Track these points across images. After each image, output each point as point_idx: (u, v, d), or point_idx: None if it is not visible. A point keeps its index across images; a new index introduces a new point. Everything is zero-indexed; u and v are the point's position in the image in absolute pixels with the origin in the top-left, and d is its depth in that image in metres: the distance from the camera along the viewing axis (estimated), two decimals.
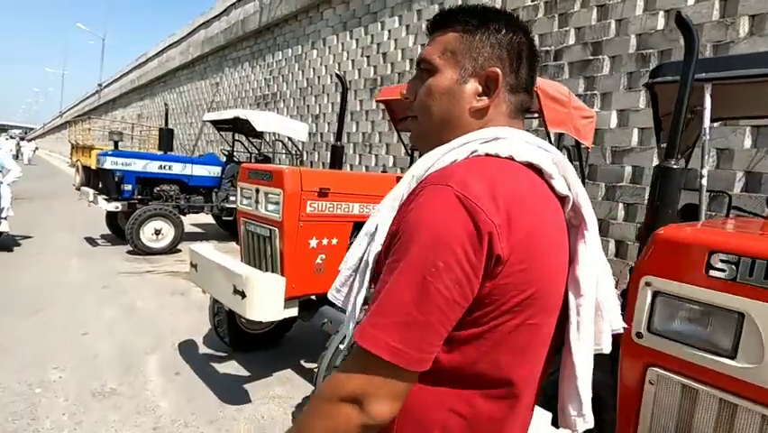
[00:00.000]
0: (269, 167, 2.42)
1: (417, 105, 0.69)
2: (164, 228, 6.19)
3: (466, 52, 0.66)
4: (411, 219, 0.55)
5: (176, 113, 17.41)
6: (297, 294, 2.42)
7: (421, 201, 0.55)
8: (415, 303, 0.52)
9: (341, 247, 2.57)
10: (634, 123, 4.61)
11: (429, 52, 0.69)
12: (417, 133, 0.72)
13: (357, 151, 8.32)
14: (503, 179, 0.57)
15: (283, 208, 2.29)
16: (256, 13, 11.35)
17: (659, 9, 4.50)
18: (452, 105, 0.67)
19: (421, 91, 0.69)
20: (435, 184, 0.56)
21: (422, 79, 0.69)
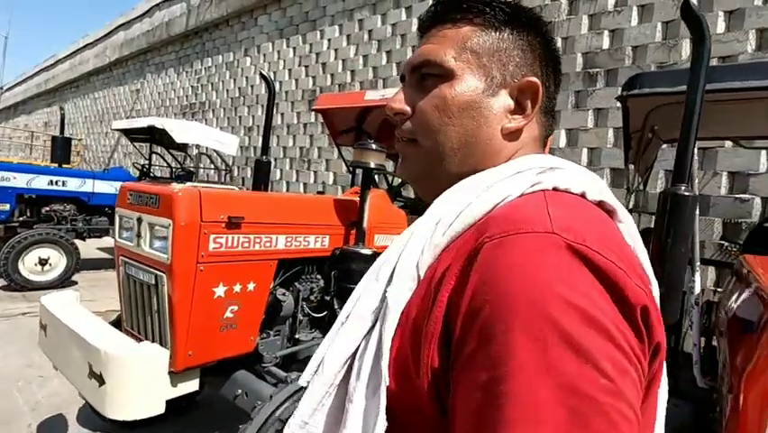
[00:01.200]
0: (156, 188, 1.76)
1: (420, 124, 0.50)
2: (52, 257, 5.08)
3: (493, 54, 0.50)
4: (498, 292, 0.33)
5: (89, 121, 15.58)
6: (195, 363, 1.75)
7: (507, 261, 0.34)
8: None
9: (260, 294, 1.94)
10: (582, 143, 4.47)
11: (436, 52, 0.50)
12: (418, 162, 0.52)
13: (294, 167, 7.66)
14: (603, 224, 0.41)
15: (173, 246, 1.63)
16: (183, 15, 10.39)
17: (604, 28, 4.44)
18: (479, 125, 0.49)
19: (425, 104, 0.50)
20: (519, 232, 0.36)
21: (424, 89, 0.51)
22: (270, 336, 2.11)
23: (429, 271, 0.41)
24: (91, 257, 6.68)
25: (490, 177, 0.45)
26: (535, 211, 0.38)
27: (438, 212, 0.44)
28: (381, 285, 0.43)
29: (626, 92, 2.10)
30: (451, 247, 0.41)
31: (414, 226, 0.46)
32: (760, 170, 3.54)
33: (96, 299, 4.77)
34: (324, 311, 2.36)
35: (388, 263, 0.44)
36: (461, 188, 0.46)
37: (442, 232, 0.42)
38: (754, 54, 3.62)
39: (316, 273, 2.33)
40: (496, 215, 0.40)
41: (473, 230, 0.41)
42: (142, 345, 1.50)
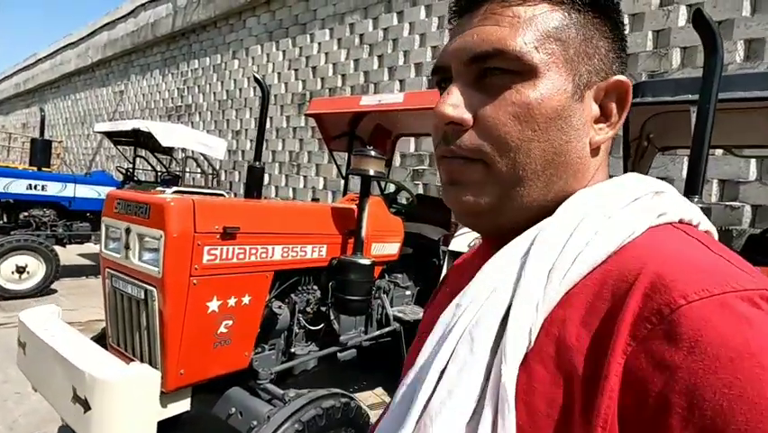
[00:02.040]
0: (147, 197, 1.66)
1: (491, 139, 0.38)
2: (30, 264, 4.86)
3: (580, 44, 0.39)
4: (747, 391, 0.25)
5: (70, 123, 15.19)
6: (187, 382, 1.65)
7: (741, 340, 0.26)
8: None
9: (255, 307, 1.86)
10: None
11: (511, 38, 0.38)
12: (487, 189, 0.39)
13: (283, 171, 7.55)
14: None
15: (165, 259, 1.54)
16: (169, 16, 10.21)
17: None
18: (569, 138, 0.39)
19: (499, 112, 0.38)
20: (726, 291, 0.28)
21: (491, 89, 0.39)
22: (265, 351, 2.03)
23: (547, 335, 0.33)
24: (72, 264, 6.45)
25: (605, 204, 0.36)
26: (708, 256, 0.32)
27: (542, 255, 0.34)
28: (481, 358, 0.33)
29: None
30: (571, 300, 0.33)
31: (501, 272, 0.36)
32: (749, 178, 3.59)
33: (76, 308, 4.59)
34: (321, 323, 2.28)
35: (484, 325, 0.33)
36: (569, 221, 0.36)
37: (558, 282, 0.33)
38: (742, 64, 3.68)
39: (313, 284, 2.25)
40: (653, 258, 0.32)
41: (599, 274, 0.33)
42: (132, 366, 1.40)
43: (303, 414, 1.59)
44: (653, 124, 2.58)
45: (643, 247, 0.33)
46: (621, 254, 0.34)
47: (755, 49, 3.63)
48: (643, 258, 0.32)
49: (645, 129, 2.62)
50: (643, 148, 2.76)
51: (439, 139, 0.41)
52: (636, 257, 0.33)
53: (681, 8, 3.96)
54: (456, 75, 0.40)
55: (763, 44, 3.58)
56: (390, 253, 2.67)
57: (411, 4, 5.99)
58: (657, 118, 2.51)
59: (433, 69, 0.44)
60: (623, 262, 0.33)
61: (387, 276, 2.82)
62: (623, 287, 0.31)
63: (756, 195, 3.55)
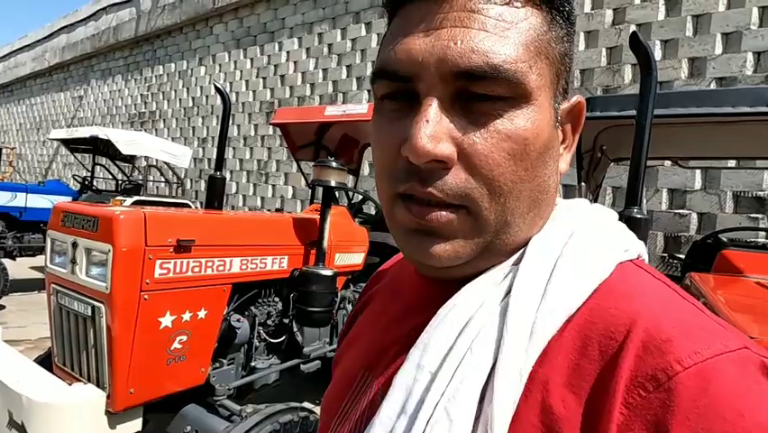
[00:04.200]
0: (95, 209, 1.60)
1: (482, 182, 0.31)
2: None
3: (560, 62, 0.33)
4: None
5: (24, 129, 14.45)
6: (137, 402, 1.59)
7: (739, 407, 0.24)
8: None
9: (212, 321, 1.82)
10: None
11: (506, 53, 0.30)
12: (470, 240, 0.32)
13: (251, 180, 7.43)
14: None
15: (113, 274, 1.48)
16: (132, 20, 9.93)
17: None
18: (551, 172, 0.34)
19: (492, 149, 0.30)
20: (718, 354, 0.26)
21: (477, 117, 0.31)
22: (224, 366, 1.98)
23: (528, 401, 0.29)
24: (22, 277, 6.10)
25: (579, 243, 0.33)
26: (685, 308, 0.30)
27: (523, 311, 0.30)
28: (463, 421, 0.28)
29: None
30: (549, 356, 0.29)
31: (474, 327, 0.31)
32: (695, 188, 3.81)
33: (26, 325, 4.34)
34: (283, 336, 2.25)
35: (462, 400, 0.29)
36: (545, 266, 0.32)
37: (539, 339, 0.29)
38: (687, 81, 3.92)
39: (274, 296, 2.22)
40: (642, 312, 0.29)
41: (575, 327, 0.30)
42: (74, 387, 1.34)
43: (260, 430, 1.56)
44: (606, 137, 2.71)
45: (621, 295, 0.31)
46: (597, 301, 0.31)
47: (698, 66, 3.89)
48: (628, 311, 0.29)
49: (598, 141, 2.74)
50: (596, 159, 2.89)
51: (402, 173, 0.32)
52: (619, 309, 0.30)
53: (632, 27, 4.20)
54: (428, 90, 0.31)
55: (704, 62, 3.84)
56: (355, 263, 2.67)
57: (379, 16, 6.07)
58: (609, 131, 2.64)
59: (377, 74, 0.33)
60: (606, 314, 0.30)
61: (352, 286, 2.81)
62: (612, 345, 0.28)
63: (701, 203, 3.77)
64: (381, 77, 0.33)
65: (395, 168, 0.33)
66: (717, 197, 3.69)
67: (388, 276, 0.50)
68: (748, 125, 1.97)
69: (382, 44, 0.35)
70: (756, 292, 1.49)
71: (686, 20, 3.94)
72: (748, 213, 3.56)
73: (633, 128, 1.97)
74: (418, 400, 0.30)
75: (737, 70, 3.68)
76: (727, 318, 0.97)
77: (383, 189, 0.35)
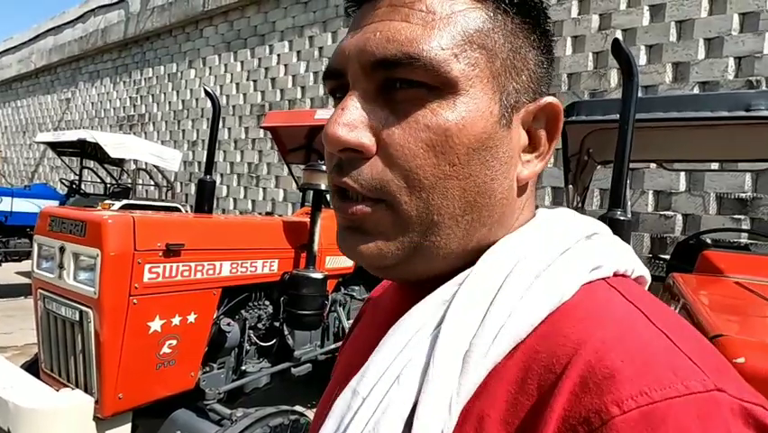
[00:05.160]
0: (82, 213, 1.60)
1: (399, 174, 0.30)
2: None
3: (508, 56, 0.31)
4: None
5: (9, 132, 14.23)
6: (126, 407, 1.58)
7: None
8: None
9: (202, 326, 1.81)
10: None
11: (423, 39, 0.29)
12: (393, 238, 0.31)
13: (242, 183, 7.40)
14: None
15: (102, 278, 1.48)
16: (121, 22, 9.85)
17: None
18: (495, 174, 0.31)
19: (409, 138, 0.29)
20: (674, 396, 0.20)
21: (398, 106, 0.30)
22: (214, 370, 1.97)
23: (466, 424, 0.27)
24: (8, 283, 6.00)
25: (532, 257, 0.30)
26: (647, 334, 0.25)
27: (456, 334, 0.27)
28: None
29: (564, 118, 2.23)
30: (489, 388, 0.27)
31: (405, 352, 0.29)
32: (680, 189, 3.89)
33: (12, 331, 4.27)
34: (274, 339, 2.25)
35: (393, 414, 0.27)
36: (490, 283, 0.29)
37: (475, 368, 0.27)
38: (671, 85, 4.00)
39: (265, 300, 2.22)
40: (587, 341, 0.25)
41: (522, 354, 0.27)
42: (62, 392, 1.33)
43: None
44: (592, 140, 2.75)
45: (574, 321, 0.27)
46: (550, 326, 0.27)
47: (682, 71, 3.97)
48: (574, 338, 0.26)
49: (585, 144, 2.79)
50: (583, 162, 2.94)
51: (332, 166, 0.32)
52: (567, 336, 0.26)
53: (618, 32, 4.28)
54: (353, 83, 0.31)
55: (687, 67, 3.93)
56: (346, 266, 2.68)
57: None
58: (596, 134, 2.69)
59: (324, 74, 0.34)
60: (552, 342, 0.27)
61: (342, 289, 2.82)
62: (550, 379, 0.25)
63: (686, 205, 3.85)
64: (326, 76, 0.34)
65: (330, 162, 0.32)
66: (702, 198, 3.77)
67: (379, 295, 0.49)
68: (729, 129, 2.02)
69: None
70: (735, 292, 1.53)
71: (670, 25, 4.02)
72: (731, 214, 3.64)
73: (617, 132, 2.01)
74: (344, 428, 0.28)
75: (719, 75, 3.77)
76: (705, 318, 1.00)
77: (330, 184, 0.34)
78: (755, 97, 1.70)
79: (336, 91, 0.34)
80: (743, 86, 3.62)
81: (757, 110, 1.66)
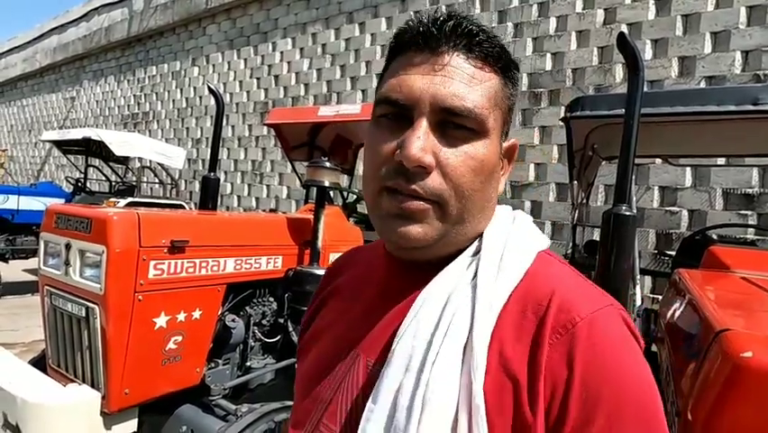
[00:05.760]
0: (88, 210, 1.61)
1: (452, 186, 0.44)
2: None
3: (507, 114, 0.49)
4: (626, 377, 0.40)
5: (15, 131, 14.32)
6: (133, 402, 1.60)
7: (605, 343, 0.41)
8: None
9: (207, 322, 1.82)
10: (529, 158, 4.68)
11: (479, 102, 0.44)
12: (437, 227, 0.45)
13: (246, 180, 7.42)
14: None
15: (107, 275, 1.49)
16: (124, 21, 9.87)
17: (546, 51, 4.70)
18: (494, 189, 0.49)
19: (462, 164, 0.44)
20: (596, 310, 0.42)
21: (451, 140, 0.44)
22: (219, 366, 1.98)
23: (490, 351, 0.41)
24: (15, 280, 6.05)
25: (514, 240, 0.48)
26: (579, 282, 0.46)
27: (486, 291, 0.43)
28: (454, 379, 0.40)
29: (569, 114, 2.21)
30: (500, 321, 0.43)
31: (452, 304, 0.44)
32: (686, 185, 3.86)
33: (18, 328, 4.31)
34: (278, 336, 2.26)
35: (452, 353, 0.41)
36: (494, 257, 0.46)
37: (497, 309, 0.43)
38: (676, 80, 3.97)
39: (269, 296, 2.23)
40: (557, 286, 0.44)
41: (516, 300, 0.44)
42: (69, 388, 1.34)
43: (254, 428, 1.57)
44: (597, 136, 2.73)
45: (542, 276, 0.45)
46: (527, 282, 0.45)
47: (688, 65, 3.93)
48: (546, 287, 0.44)
49: (589, 140, 2.77)
50: (587, 158, 2.91)
51: (392, 172, 0.44)
52: (541, 286, 0.44)
53: (623, 26, 4.24)
54: (420, 115, 0.43)
55: (693, 61, 3.89)
56: None
57: (372, 16, 6.09)
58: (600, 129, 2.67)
59: (383, 100, 0.46)
60: (533, 289, 0.44)
61: None
62: (541, 309, 0.43)
63: (692, 200, 3.82)
64: (386, 102, 0.46)
65: (386, 167, 0.45)
66: (708, 194, 3.74)
67: (347, 274, 0.60)
68: (735, 124, 2.00)
69: (385, 74, 0.48)
70: (742, 287, 1.51)
71: (675, 19, 3.98)
72: (737, 210, 3.61)
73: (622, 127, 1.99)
74: (420, 360, 0.42)
75: (726, 69, 3.73)
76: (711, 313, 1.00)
77: (371, 183, 0.47)
78: (763, 91, 1.68)
79: (388, 114, 0.46)
80: (750, 80, 3.59)
81: (765, 104, 1.64)
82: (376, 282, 0.53)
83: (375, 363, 0.46)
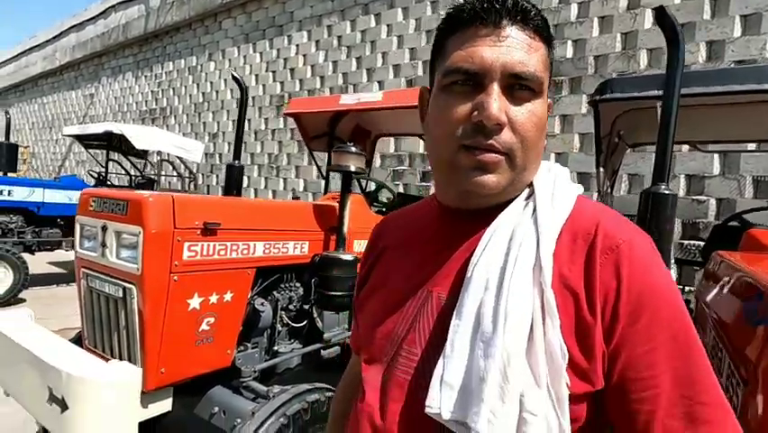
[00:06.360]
0: (124, 193, 1.63)
1: (520, 139, 0.53)
2: None
3: (550, 76, 0.58)
4: (651, 282, 0.50)
5: (37, 128, 14.64)
6: (168, 381, 1.62)
7: (643, 256, 0.51)
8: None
9: (237, 305, 1.84)
10: (550, 147, 4.61)
11: (538, 66, 0.53)
12: (506, 176, 0.54)
13: (262, 173, 7.47)
14: None
15: (144, 255, 1.51)
16: (141, 18, 9.99)
17: (567, 38, 4.61)
18: (543, 142, 0.57)
19: (527, 120, 0.53)
20: (635, 235, 0.53)
21: (517, 100, 0.53)
22: (248, 349, 2.00)
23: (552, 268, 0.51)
24: (41, 272, 6.21)
25: (559, 185, 0.57)
26: (616, 215, 0.56)
27: (547, 223, 0.52)
28: (528, 291, 0.49)
29: (598, 96, 2.16)
30: (557, 248, 0.52)
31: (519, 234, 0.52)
32: (714, 173, 3.76)
33: (46, 317, 4.42)
34: (304, 321, 2.27)
35: (525, 271, 0.50)
36: (548, 196, 0.55)
37: (552, 236, 0.52)
38: (704, 65, 3.86)
39: (295, 281, 2.24)
40: (600, 218, 0.54)
41: (567, 231, 0.53)
42: (111, 363, 1.37)
43: (288, 408, 1.58)
44: (624, 122, 2.67)
45: (585, 212, 0.55)
46: (573, 216, 0.54)
47: (716, 50, 3.82)
48: (591, 220, 0.53)
49: (616, 126, 2.70)
50: (613, 144, 2.85)
51: (469, 131, 0.52)
52: (586, 219, 0.54)
53: (647, 11, 4.14)
54: (491, 81, 0.51)
55: (722, 45, 3.77)
56: None
57: (388, 7, 6.05)
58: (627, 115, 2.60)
59: (455, 69, 0.52)
60: (580, 222, 0.54)
61: None
62: (589, 237, 0.52)
63: (720, 189, 3.72)
64: (457, 72, 0.53)
65: (462, 127, 0.52)
66: (737, 182, 3.64)
67: (393, 235, 0.68)
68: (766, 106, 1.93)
69: (445, 48, 0.55)
70: None
71: (703, 2, 3.87)
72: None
73: (651, 112, 1.93)
74: (497, 281, 0.50)
75: (757, 53, 3.61)
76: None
77: (448, 143, 0.54)
78: None
79: (458, 82, 0.53)
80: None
81: None
82: (432, 233, 0.62)
83: (447, 294, 0.55)
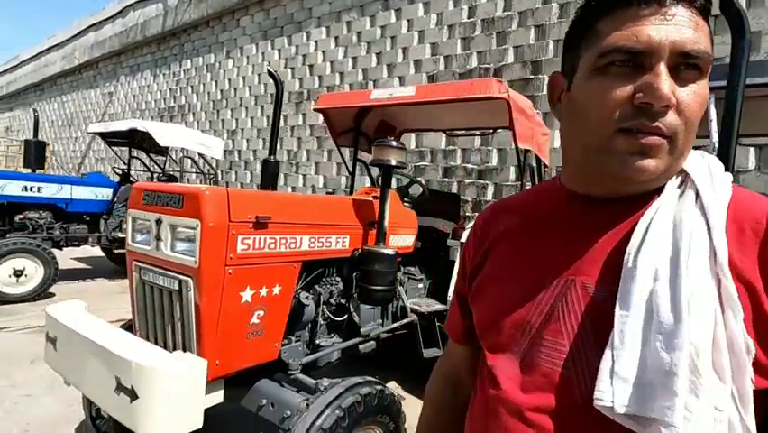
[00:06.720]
0: (179, 187, 1.65)
1: (685, 122, 0.49)
2: (28, 267, 4.76)
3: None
4: None
5: (56, 126, 14.89)
6: (222, 373, 1.64)
7: None
8: None
9: (285, 298, 1.85)
10: None
11: (707, 47, 0.50)
12: (666, 160, 0.50)
13: (282, 170, 7.50)
14: None
15: (201, 248, 1.52)
16: (159, 16, 10.08)
17: None
18: None
19: (693, 101, 0.50)
20: None
21: (683, 80, 0.49)
22: (292, 342, 2.02)
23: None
24: (67, 267, 6.33)
25: (716, 172, 0.54)
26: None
27: (715, 210, 0.49)
28: (707, 279, 0.46)
29: None
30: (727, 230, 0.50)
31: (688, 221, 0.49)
32: (749, 167, 3.68)
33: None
34: (344, 315, 2.28)
35: (701, 259, 0.47)
36: (708, 182, 0.52)
37: (723, 226, 0.49)
38: None
39: (336, 275, 2.25)
40: (764, 207, 0.51)
41: (731, 220, 0.50)
42: (176, 354, 1.39)
43: (342, 401, 1.59)
44: None
45: (747, 199, 0.52)
46: (734, 204, 0.50)
47: (753, 42, 3.73)
48: (758, 208, 0.50)
49: None
50: None
51: (629, 114, 0.49)
52: (752, 207, 0.51)
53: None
54: (659, 61, 0.48)
55: (759, 37, 3.68)
56: (406, 246, 2.68)
57: (409, 2, 6.01)
58: None
59: (616, 49, 0.49)
60: (744, 210, 0.50)
61: (402, 268, 2.83)
62: (760, 227, 0.49)
63: (756, 183, 3.64)
64: (618, 51, 0.49)
65: (621, 110, 0.49)
66: None
67: (505, 224, 0.65)
68: None
69: (598, 30, 0.51)
70: None
71: None
72: None
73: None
74: (668, 270, 0.47)
75: None
76: None
77: (603, 127, 0.50)
78: None
79: (616, 62, 0.50)
80: None
81: None
82: (562, 220, 0.59)
83: (596, 283, 0.52)
